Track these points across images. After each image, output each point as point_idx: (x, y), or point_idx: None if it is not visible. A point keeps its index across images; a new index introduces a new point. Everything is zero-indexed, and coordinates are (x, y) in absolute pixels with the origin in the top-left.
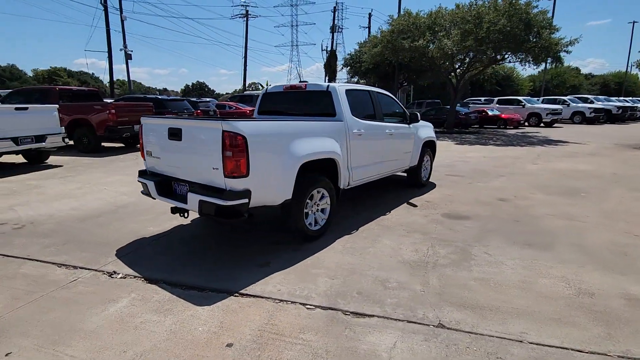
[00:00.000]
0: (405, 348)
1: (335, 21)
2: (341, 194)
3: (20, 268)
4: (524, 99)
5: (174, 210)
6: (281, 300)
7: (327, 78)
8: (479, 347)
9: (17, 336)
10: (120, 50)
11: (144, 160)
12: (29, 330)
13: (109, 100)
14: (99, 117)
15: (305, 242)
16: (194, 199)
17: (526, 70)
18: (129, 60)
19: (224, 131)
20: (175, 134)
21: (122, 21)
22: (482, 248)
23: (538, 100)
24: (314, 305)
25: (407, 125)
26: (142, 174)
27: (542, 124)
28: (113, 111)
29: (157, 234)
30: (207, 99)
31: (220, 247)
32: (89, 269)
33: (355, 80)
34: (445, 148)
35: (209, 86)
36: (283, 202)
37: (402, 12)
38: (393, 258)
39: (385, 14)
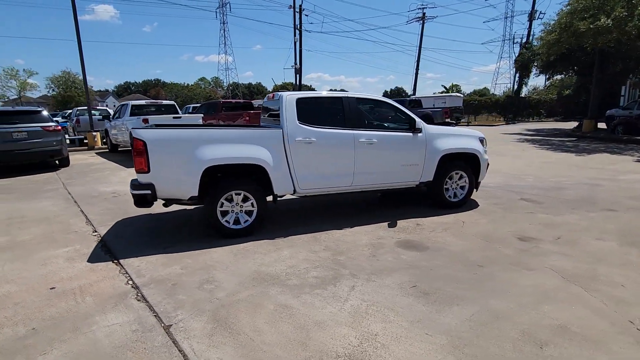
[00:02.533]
0: (104, 325)
1: (535, 7)
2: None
3: (71, 218)
4: None
5: None
6: (126, 273)
7: (517, 75)
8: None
9: None
10: (292, 66)
11: None
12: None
13: None
14: (240, 122)
15: (224, 238)
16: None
17: None
18: (297, 75)
19: (132, 137)
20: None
21: (295, 43)
22: (359, 282)
23: None
24: (132, 282)
25: (409, 134)
26: None
27: None
28: (247, 118)
29: (158, 213)
30: None
31: (172, 230)
32: (92, 226)
33: (546, 77)
34: (604, 164)
35: (406, 91)
36: (190, 197)
37: None
38: (258, 267)
39: None
